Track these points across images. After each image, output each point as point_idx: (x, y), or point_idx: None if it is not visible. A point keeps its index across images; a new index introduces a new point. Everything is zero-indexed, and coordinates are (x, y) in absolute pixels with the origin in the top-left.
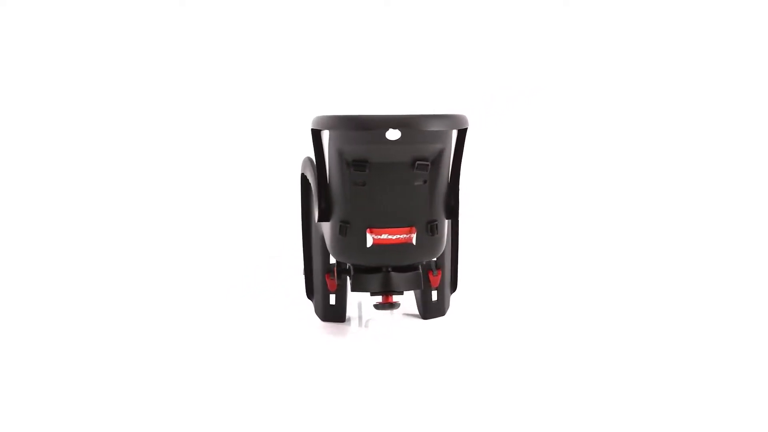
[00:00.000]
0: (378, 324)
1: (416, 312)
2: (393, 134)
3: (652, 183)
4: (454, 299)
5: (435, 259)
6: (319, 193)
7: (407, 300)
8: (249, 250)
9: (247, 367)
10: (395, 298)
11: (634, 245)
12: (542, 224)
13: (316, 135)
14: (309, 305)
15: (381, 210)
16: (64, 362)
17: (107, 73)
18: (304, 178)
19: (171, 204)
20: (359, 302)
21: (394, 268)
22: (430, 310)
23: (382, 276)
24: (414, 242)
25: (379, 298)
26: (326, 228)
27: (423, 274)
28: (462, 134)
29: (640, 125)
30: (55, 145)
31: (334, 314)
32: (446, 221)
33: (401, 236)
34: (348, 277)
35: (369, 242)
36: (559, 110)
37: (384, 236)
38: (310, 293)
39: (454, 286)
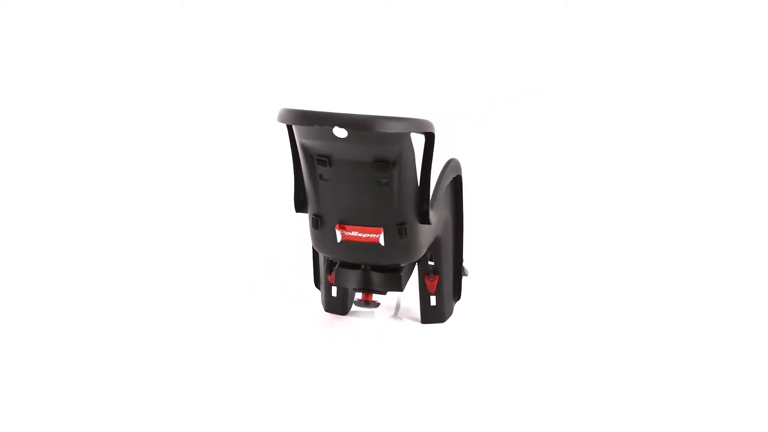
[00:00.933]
0: (368, 325)
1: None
2: (339, 131)
3: (655, 184)
4: (457, 306)
5: (433, 263)
6: (295, 184)
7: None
8: (249, 249)
9: (236, 366)
10: (379, 298)
11: (638, 252)
12: (545, 228)
13: (288, 128)
14: (306, 305)
15: (347, 207)
16: (69, 362)
17: (107, 73)
18: None
19: (171, 203)
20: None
21: (374, 267)
22: (429, 315)
23: (361, 273)
24: (382, 242)
25: (360, 295)
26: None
27: (420, 278)
28: (429, 139)
29: (640, 124)
30: (54, 145)
31: (335, 306)
32: (426, 226)
33: (370, 235)
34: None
35: (338, 238)
36: (559, 110)
37: (354, 233)
38: (317, 283)
39: (457, 295)
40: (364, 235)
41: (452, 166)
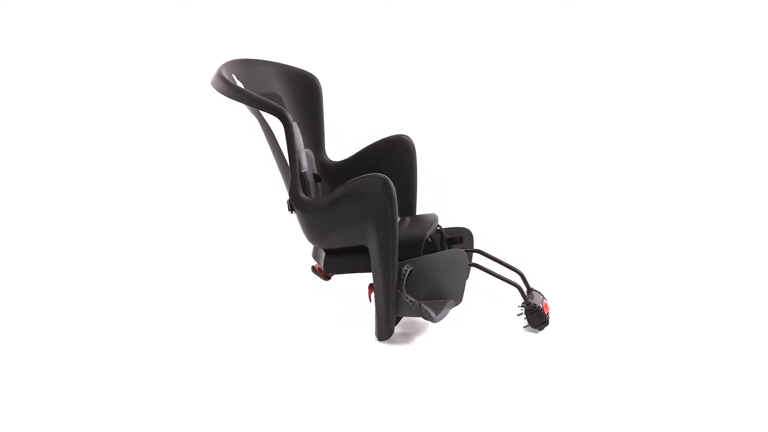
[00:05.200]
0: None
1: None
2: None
3: (654, 185)
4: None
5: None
6: None
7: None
8: (248, 247)
9: (217, 363)
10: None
11: (639, 265)
12: (540, 241)
13: None
14: (301, 306)
15: None
16: (66, 359)
17: (106, 73)
18: None
19: (172, 203)
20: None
21: None
22: (376, 324)
23: None
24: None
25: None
26: None
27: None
28: (283, 125)
29: (640, 124)
30: (54, 145)
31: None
32: (323, 218)
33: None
34: None
35: None
36: (558, 110)
37: None
38: None
39: (389, 330)
40: None
41: (366, 182)
